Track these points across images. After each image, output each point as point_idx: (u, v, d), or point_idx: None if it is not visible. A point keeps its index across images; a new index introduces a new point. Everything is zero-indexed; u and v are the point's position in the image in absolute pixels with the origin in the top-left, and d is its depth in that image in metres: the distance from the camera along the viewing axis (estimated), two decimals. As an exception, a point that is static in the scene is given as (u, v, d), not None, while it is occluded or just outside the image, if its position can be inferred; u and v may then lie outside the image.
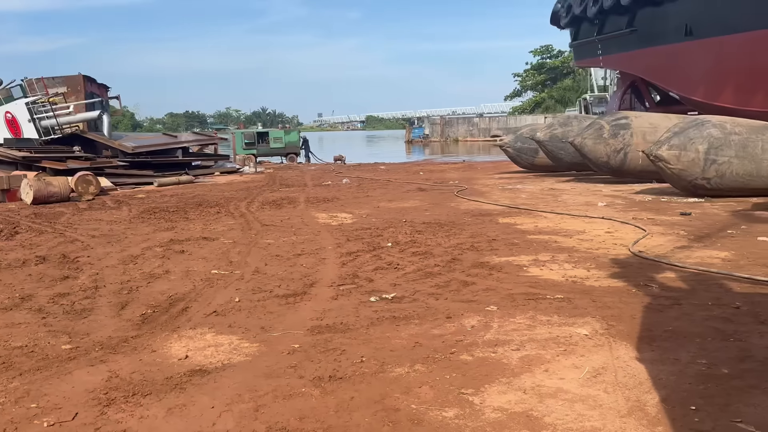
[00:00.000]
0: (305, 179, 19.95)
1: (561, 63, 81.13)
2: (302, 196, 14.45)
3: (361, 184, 17.68)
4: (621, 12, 18.52)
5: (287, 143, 32.44)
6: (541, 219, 10.00)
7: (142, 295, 5.89)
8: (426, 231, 9.07)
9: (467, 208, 11.62)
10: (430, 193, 14.82)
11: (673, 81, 16.94)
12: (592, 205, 11.60)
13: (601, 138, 15.06)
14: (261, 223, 10.28)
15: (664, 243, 7.71)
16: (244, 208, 12.50)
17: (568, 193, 13.79)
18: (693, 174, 12.05)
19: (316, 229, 9.54)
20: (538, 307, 5.05)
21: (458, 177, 19.58)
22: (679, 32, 16.18)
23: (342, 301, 5.43)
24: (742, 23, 14.11)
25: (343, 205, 12.70)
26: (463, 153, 50.99)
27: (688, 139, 12.08)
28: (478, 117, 79.94)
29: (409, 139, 77.01)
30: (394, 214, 11.02)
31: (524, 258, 7.02)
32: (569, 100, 74.52)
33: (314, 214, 11.30)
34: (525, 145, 19.89)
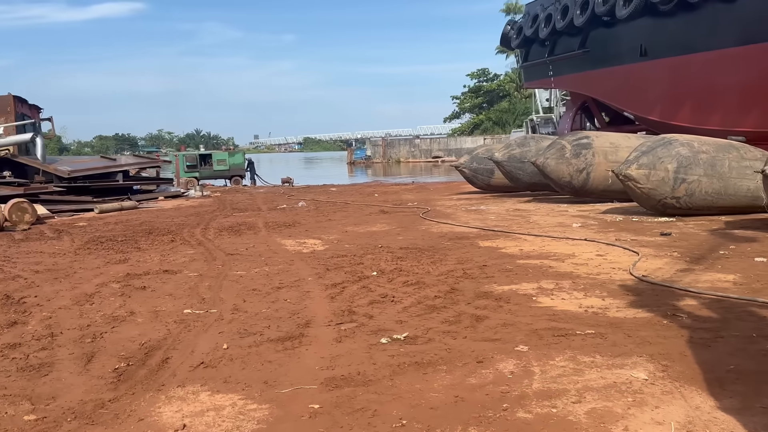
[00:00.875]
0: (257, 203, 19.07)
1: (497, 86, 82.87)
2: (260, 221, 13.64)
3: (319, 207, 16.98)
4: (573, 33, 18.70)
5: (232, 165, 31.36)
6: (523, 242, 9.59)
7: (108, 343, 5.04)
8: (408, 257, 8.49)
9: (440, 231, 11.12)
10: (394, 215, 14.28)
11: (628, 101, 17.12)
12: (566, 226, 11.31)
13: (563, 158, 14.95)
14: (224, 252, 9.46)
15: (662, 266, 7.39)
16: (200, 236, 11.60)
17: (535, 214, 13.52)
18: (663, 193, 11.97)
19: (288, 258, 8.81)
20: (572, 345, 4.53)
21: (415, 198, 19.16)
22: (634, 53, 16.39)
23: (348, 344, 4.76)
24: (698, 44, 14.35)
25: (307, 230, 11.99)
26: (405, 174, 50.94)
27: (657, 158, 12.02)
28: (420, 138, 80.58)
29: (351, 160, 76.75)
30: (366, 239, 10.40)
31: (527, 286, 6.52)
32: (506, 122, 76.08)
33: (280, 241, 10.54)
34: (481, 165, 19.71)
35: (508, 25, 23.10)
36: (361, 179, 44.60)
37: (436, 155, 72.31)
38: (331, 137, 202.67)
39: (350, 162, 75.72)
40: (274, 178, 34.39)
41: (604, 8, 16.54)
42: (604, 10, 16.54)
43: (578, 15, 17.80)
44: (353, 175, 54.32)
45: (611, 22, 16.96)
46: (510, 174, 17.71)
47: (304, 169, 68.14)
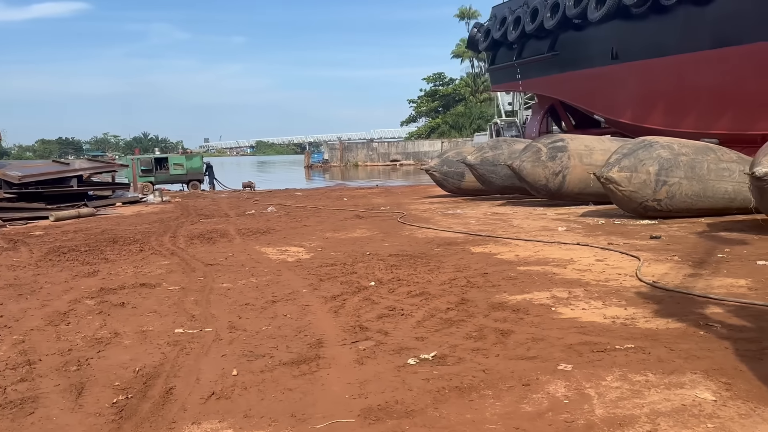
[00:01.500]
0: (223, 208, 18.35)
1: (452, 90, 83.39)
2: (231, 228, 13.01)
3: (290, 212, 16.41)
4: (542, 36, 18.67)
5: (189, 169, 30.34)
6: (515, 247, 9.31)
7: (97, 371, 4.46)
8: (402, 265, 8.09)
9: (426, 237, 10.76)
10: (371, 220, 13.86)
11: (598, 104, 17.15)
12: (551, 230, 11.10)
13: (539, 161, 14.81)
14: (202, 263, 8.86)
15: (668, 271, 7.19)
16: (171, 244, 10.94)
17: (515, 218, 13.30)
18: (644, 196, 11.91)
19: (274, 268, 8.28)
20: (616, 362, 4.21)
21: (386, 202, 18.78)
22: (605, 56, 16.42)
23: (372, 366, 4.33)
24: (670, 46, 14.43)
25: (285, 237, 11.45)
26: (364, 177, 50.49)
27: (638, 161, 11.95)
28: (377, 142, 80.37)
29: (308, 164, 75.89)
30: (351, 246, 9.95)
31: (540, 295, 6.21)
32: (462, 125, 76.55)
33: (259, 249, 9.99)
34: (452, 169, 19.48)
35: (475, 27, 22.98)
36: (320, 183, 44.02)
37: (394, 158, 72.17)
38: (284, 141, 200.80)
39: (307, 166, 74.85)
40: (233, 183, 33.47)
41: (576, 11, 16.53)
42: (576, 13, 16.52)
43: (548, 18, 17.77)
44: (311, 179, 53.60)
45: (581, 25, 16.96)
46: (483, 177, 17.51)
47: (258, 173, 66.94)
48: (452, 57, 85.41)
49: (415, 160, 70.85)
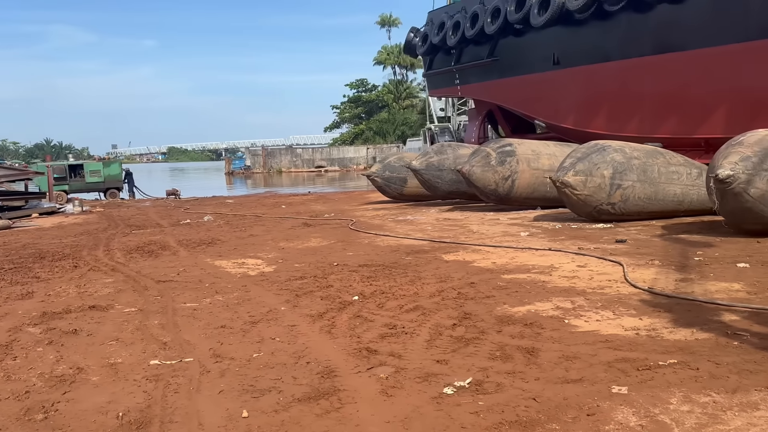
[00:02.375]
0: (153, 218, 17.15)
1: (376, 97, 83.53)
2: (171, 240, 12.04)
3: (229, 221, 15.49)
4: (482, 42, 18.65)
5: (107, 177, 28.47)
6: (488, 254, 8.97)
7: (70, 418, 3.68)
8: (378, 276, 7.56)
9: (389, 245, 10.26)
10: (321, 228, 13.22)
11: (539, 109, 17.26)
12: (513, 235, 10.88)
13: (489, 165, 14.66)
14: (152, 279, 7.99)
15: (656, 276, 7.03)
16: (108, 259, 9.92)
17: (470, 224, 13.05)
18: (599, 199, 11.92)
19: (238, 283, 7.55)
20: (670, 381, 3.86)
21: (328, 209, 18.16)
22: (546, 61, 16.54)
23: (404, 398, 3.78)
24: (612, 52, 14.66)
25: (235, 248, 10.64)
26: (289, 184, 49.51)
27: (593, 165, 11.96)
28: (302, 148, 79.26)
29: (229, 170, 73.75)
30: (313, 257, 9.32)
31: (543, 306, 5.85)
32: (387, 131, 76.73)
33: (213, 263, 9.18)
34: (394, 174, 19.12)
35: (412, 32, 22.76)
36: (244, 190, 42.49)
37: (319, 165, 71.33)
38: (197, 147, 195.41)
39: (228, 172, 72.72)
40: (153, 190, 31.74)
41: (518, 16, 16.57)
42: (517, 18, 16.57)
43: (489, 23, 17.76)
44: (232, 186, 51.87)
45: (522, 30, 17.04)
46: (428, 182, 17.23)
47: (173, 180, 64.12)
48: (374, 64, 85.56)
49: (340, 167, 70.38)
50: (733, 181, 9.14)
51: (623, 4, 13.75)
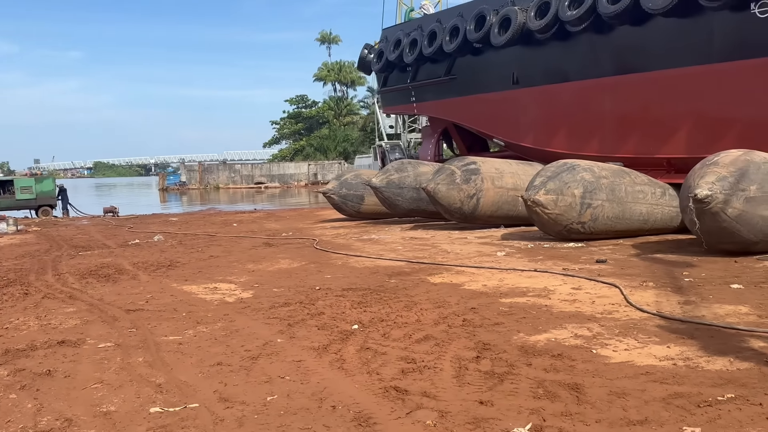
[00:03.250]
0: (97, 238, 16.08)
1: (316, 113, 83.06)
2: (125, 263, 11.20)
3: (182, 241, 14.66)
4: (439, 60, 18.59)
5: (39, 193, 26.74)
6: (473, 276, 8.67)
7: (74, 489, 3.08)
8: (369, 302, 7.13)
9: (365, 266, 9.83)
10: (285, 248, 12.65)
11: (498, 128, 17.28)
12: (489, 255, 10.66)
13: (454, 183, 14.47)
14: (119, 308, 7.28)
15: (656, 299, 6.90)
16: (61, 284, 9.07)
17: (439, 242, 12.78)
18: (569, 218, 11.89)
19: (218, 312, 6.95)
20: (737, 418, 3.62)
21: (281, 227, 17.55)
22: (505, 80, 16.60)
23: (463, 448, 3.37)
24: (572, 72, 14.82)
25: (200, 271, 9.96)
26: (227, 201, 48.20)
27: (563, 183, 11.93)
28: (241, 164, 77.65)
29: (163, 186, 71.32)
30: (289, 280, 8.78)
31: (560, 334, 5.57)
32: (328, 148, 76.30)
33: (181, 288, 8.50)
34: (351, 191, 18.72)
35: (365, 49, 22.51)
36: (180, 207, 40.96)
37: (258, 181, 70.00)
38: (126, 162, 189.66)
39: (162, 188, 70.30)
40: (88, 208, 30.09)
41: (477, 35, 16.57)
42: (477, 37, 16.57)
43: (447, 42, 17.71)
44: (167, 203, 50.03)
45: (481, 49, 17.07)
46: (388, 200, 16.89)
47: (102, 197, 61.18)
48: (315, 80, 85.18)
49: (281, 183, 69.30)
50: (711, 201, 9.23)
51: (585, 25, 13.90)
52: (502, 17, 15.97)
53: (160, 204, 48.76)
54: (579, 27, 14.11)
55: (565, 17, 14.18)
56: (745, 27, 11.58)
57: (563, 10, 14.22)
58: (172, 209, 37.53)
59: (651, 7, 12.48)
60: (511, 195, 14.82)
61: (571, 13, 14.06)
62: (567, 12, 14.13)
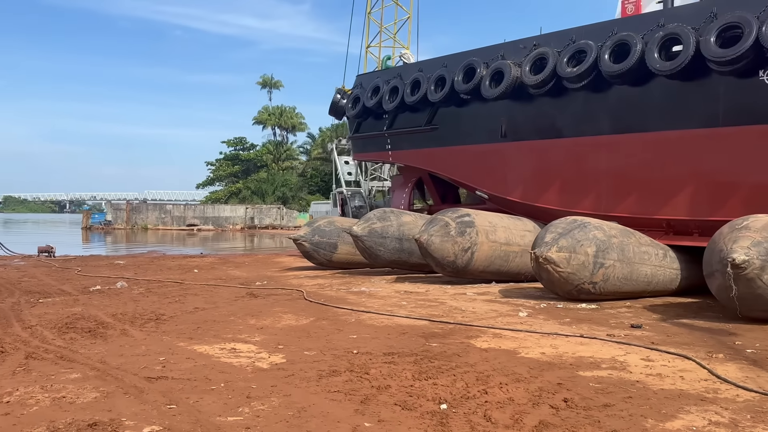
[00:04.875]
0: (48, 282, 14.34)
1: (254, 156, 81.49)
2: (101, 314, 9.79)
3: (150, 289, 13.21)
4: (420, 109, 18.21)
5: (-35, 228, 24.15)
6: (522, 341, 7.94)
7: None
8: (432, 372, 6.25)
9: (386, 325, 8.92)
10: (275, 300, 11.54)
11: (482, 180, 16.89)
12: (510, 316, 9.97)
13: (448, 236, 13.85)
14: (135, 375, 6.08)
15: (743, 373, 6.37)
16: (39, 341, 7.70)
17: (441, 297, 12.00)
18: (582, 278, 11.44)
19: (262, 383, 5.87)
20: None
21: (250, 276, 16.32)
22: (492, 133, 16.32)
23: None
24: (566, 128, 14.68)
25: (198, 327, 8.74)
26: (156, 242, 45.58)
27: (576, 241, 11.51)
28: (173, 204, 74.58)
29: (87, 225, 67.31)
30: (312, 341, 7.78)
31: (693, 420, 4.89)
32: (266, 191, 74.61)
33: (192, 349, 7.32)
34: (324, 239, 17.79)
35: (338, 94, 21.91)
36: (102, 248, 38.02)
37: (191, 223, 67.23)
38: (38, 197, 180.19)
39: (86, 227, 66.28)
40: (14, 246, 27.33)
41: (466, 86, 16.29)
42: (466, 89, 16.29)
43: (432, 91, 17.37)
44: (89, 243, 46.74)
45: (466, 100, 16.80)
46: (369, 250, 16.04)
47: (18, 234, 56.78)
48: (254, 123, 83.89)
49: (215, 226, 66.83)
50: (748, 267, 8.96)
51: (585, 82, 13.83)
52: (494, 70, 15.77)
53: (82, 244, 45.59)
54: (578, 84, 14.01)
55: (564, 74, 14.08)
56: (752, 93, 11.72)
57: (562, 67, 14.13)
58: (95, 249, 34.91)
59: (659, 68, 12.52)
60: (503, 250, 14.32)
61: (571, 70, 13.97)
62: (566, 69, 14.04)
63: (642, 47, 12.90)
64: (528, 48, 15.37)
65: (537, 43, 15.24)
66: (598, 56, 13.55)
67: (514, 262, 14.52)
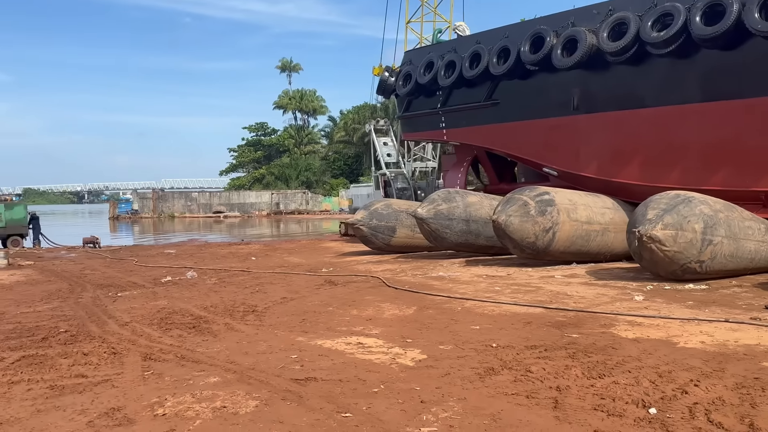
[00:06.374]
0: (115, 274, 13.88)
1: (276, 141, 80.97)
2: (190, 307, 9.27)
3: (223, 278, 12.69)
4: (478, 83, 17.41)
5: (9, 221, 23.87)
6: (669, 329, 7.24)
7: None
8: (599, 369, 5.61)
9: (500, 314, 8.27)
10: (357, 288, 10.97)
11: (552, 156, 16.12)
12: (622, 300, 9.27)
13: (528, 216, 13.13)
14: (278, 376, 5.50)
15: None
16: (146, 339, 7.14)
17: (531, 280, 11.33)
18: (688, 256, 10.68)
19: (426, 384, 5.25)
20: None
21: (311, 262, 15.78)
22: (562, 106, 15.52)
23: None
24: (648, 98, 13.84)
25: (304, 319, 8.18)
26: (183, 230, 45.27)
27: (682, 217, 10.74)
28: (198, 192, 74.43)
29: (114, 215, 67.41)
30: (436, 333, 7.19)
31: None
32: (289, 176, 74.15)
33: (316, 344, 6.74)
34: (382, 223, 17.15)
35: (387, 72, 21.14)
36: (129, 238, 37.70)
37: (217, 210, 67.10)
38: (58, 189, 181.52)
39: (113, 217, 66.35)
40: (61, 238, 27.07)
41: (534, 57, 15.47)
42: (535, 59, 15.47)
43: (495, 64, 16.57)
44: (117, 232, 46.59)
45: (532, 72, 15.99)
46: (435, 233, 15.36)
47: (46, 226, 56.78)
48: (274, 108, 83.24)
49: (240, 212, 66.58)
50: None
51: (672, 47, 12.94)
52: (567, 38, 14.90)
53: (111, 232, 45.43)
54: (664, 50, 13.13)
55: (649, 39, 13.19)
56: None
57: (646, 31, 13.23)
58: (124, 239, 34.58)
59: (760, 29, 11.62)
60: (584, 229, 13.59)
61: (657, 35, 13.08)
62: (652, 33, 13.15)
63: (739, 7, 12.00)
64: (602, 13, 14.48)
65: (613, 8, 14.35)
66: (688, 19, 12.66)
67: (595, 242, 13.80)
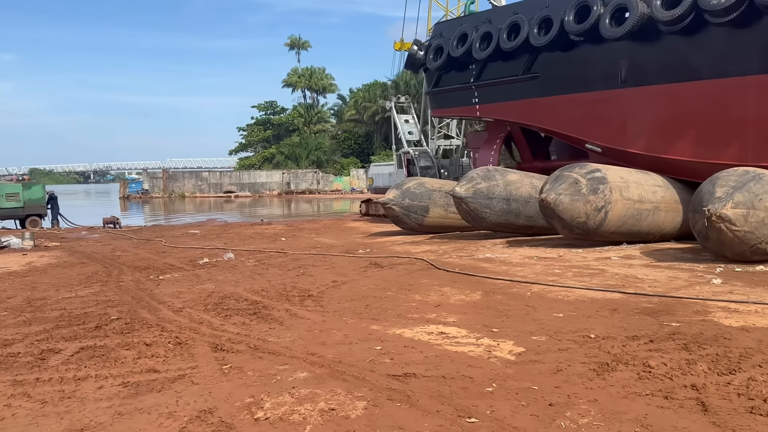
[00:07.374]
0: (148, 255, 13.39)
1: (286, 120, 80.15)
2: (241, 291, 8.74)
3: (262, 260, 12.17)
4: (514, 56, 16.71)
5: (27, 201, 23.37)
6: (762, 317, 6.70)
7: None
8: (725, 364, 5.08)
9: (578, 299, 7.71)
10: (406, 269, 10.46)
11: (595, 132, 15.46)
12: (700, 284, 8.70)
13: (579, 194, 12.52)
14: (369, 371, 4.99)
15: None
16: (207, 327, 6.63)
17: (592, 263, 10.76)
18: (760, 237, 10.11)
19: (541, 383, 4.73)
20: None
21: (344, 243, 15.27)
22: (608, 79, 14.83)
23: None
24: (704, 70, 13.15)
25: (366, 306, 7.66)
26: (192, 210, 44.69)
27: (753, 195, 10.15)
28: (209, 171, 73.95)
29: (125, 194, 67.09)
30: (514, 322, 6.68)
31: None
32: (299, 156, 73.48)
33: (395, 333, 6.22)
34: (415, 202, 16.56)
35: (416, 45, 20.39)
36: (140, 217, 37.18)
37: (228, 190, 66.59)
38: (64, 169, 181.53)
39: (123, 196, 65.99)
40: (78, 218, 26.60)
41: (580, 27, 14.73)
42: (580, 29, 14.73)
43: (536, 35, 15.84)
44: (128, 212, 46.09)
45: (577, 43, 15.26)
46: (473, 212, 14.76)
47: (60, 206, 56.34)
48: (284, 86, 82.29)
49: (251, 192, 66.06)
50: None
51: (733, 16, 12.21)
52: (615, 7, 14.16)
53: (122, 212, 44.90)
54: (724, 18, 12.40)
55: (708, 6, 12.45)
56: None
57: (705, -1, 12.49)
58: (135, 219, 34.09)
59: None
60: (636, 208, 12.99)
61: (718, 2, 12.33)
62: (712, 1, 12.40)
63: (814, -30, 11.26)
64: (655, -20, 13.70)
65: (666, -26, 13.58)
66: (750, -16, 11.92)
67: (646, 221, 13.21)
